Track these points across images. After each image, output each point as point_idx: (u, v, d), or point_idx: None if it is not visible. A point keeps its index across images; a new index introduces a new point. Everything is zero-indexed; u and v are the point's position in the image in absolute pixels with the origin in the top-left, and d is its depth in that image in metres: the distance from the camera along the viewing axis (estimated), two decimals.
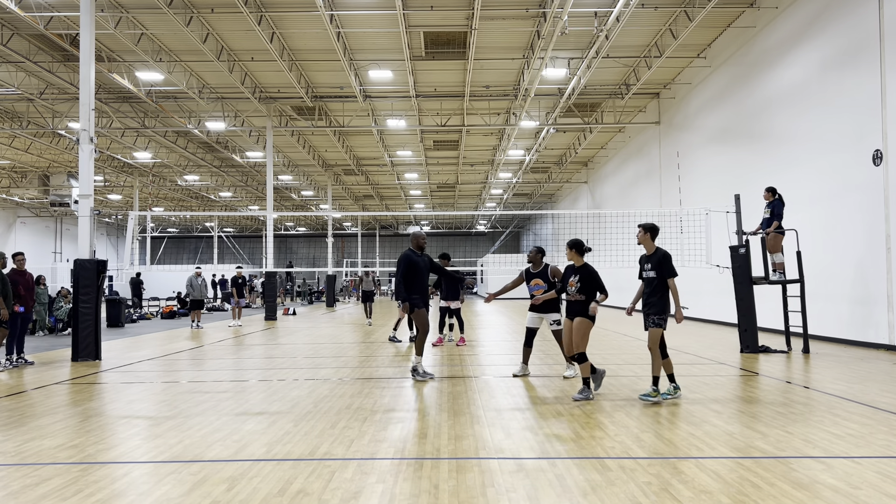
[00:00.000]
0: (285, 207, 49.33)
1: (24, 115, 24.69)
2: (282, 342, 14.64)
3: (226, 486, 4.39)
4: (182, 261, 63.47)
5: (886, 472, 4.55)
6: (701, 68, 19.73)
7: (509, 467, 4.76)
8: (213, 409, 6.97)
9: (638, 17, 16.42)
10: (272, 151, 25.67)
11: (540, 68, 18.34)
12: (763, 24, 15.97)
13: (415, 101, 22.98)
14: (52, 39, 17.07)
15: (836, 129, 13.08)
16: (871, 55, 12.04)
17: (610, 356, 11.33)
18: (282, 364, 10.79)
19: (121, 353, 12.82)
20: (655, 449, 5.20)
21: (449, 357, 11.40)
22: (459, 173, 37.40)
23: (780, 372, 9.32)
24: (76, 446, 5.47)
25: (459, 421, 6.28)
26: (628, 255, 19.03)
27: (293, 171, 35.71)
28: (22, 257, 11.28)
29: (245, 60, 19.64)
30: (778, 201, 11.71)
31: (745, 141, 17.11)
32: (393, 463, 4.91)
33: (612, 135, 29.27)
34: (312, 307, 35.51)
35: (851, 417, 6.27)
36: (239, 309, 20.41)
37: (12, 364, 10.77)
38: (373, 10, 16.02)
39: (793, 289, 12.59)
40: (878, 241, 11.92)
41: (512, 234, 63.15)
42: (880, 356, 10.90)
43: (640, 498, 4.08)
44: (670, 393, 7.29)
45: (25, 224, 48.75)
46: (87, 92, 12.07)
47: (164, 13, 15.57)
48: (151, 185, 39.62)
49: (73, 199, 28.77)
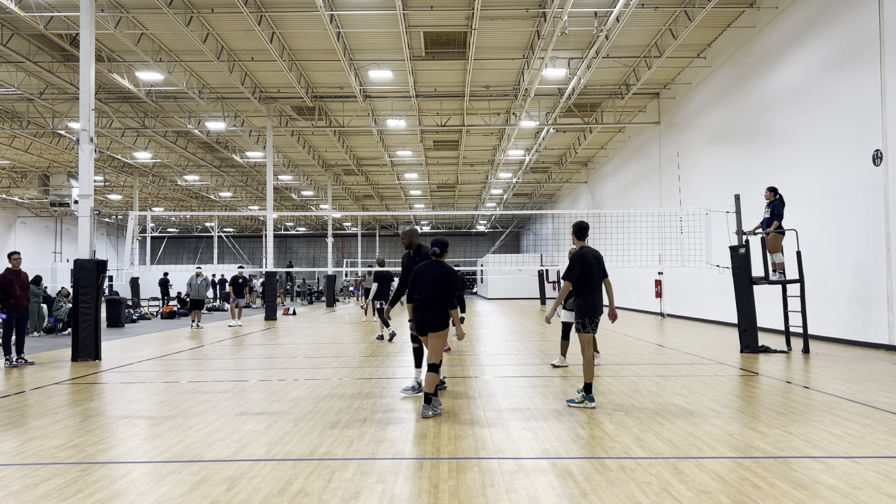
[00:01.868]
0: (285, 207, 49.32)
1: (24, 115, 24.68)
2: (282, 342, 14.64)
3: (226, 486, 4.39)
4: (182, 261, 63.46)
5: (886, 472, 4.55)
6: (701, 68, 19.73)
7: (509, 467, 4.76)
8: (213, 409, 6.97)
9: (638, 17, 16.42)
10: (272, 151, 25.67)
11: (540, 68, 18.34)
12: (763, 24, 15.97)
13: (415, 101, 22.97)
14: (52, 39, 17.07)
15: (836, 129, 13.09)
16: (870, 55, 12.04)
17: (610, 356, 11.33)
18: (282, 364, 10.79)
19: (121, 353, 12.82)
20: (655, 449, 5.20)
21: (449, 357, 11.39)
22: (459, 173, 37.39)
23: (780, 372, 9.32)
24: (76, 446, 5.47)
25: (459, 421, 6.27)
26: (628, 254, 19.06)
27: (293, 171, 35.71)
28: (17, 256, 11.25)
29: (245, 60, 19.64)
30: (778, 201, 11.71)
31: (745, 141, 17.11)
32: (393, 463, 4.91)
33: (612, 135, 29.26)
34: (312, 307, 35.51)
35: (851, 417, 6.27)
36: (239, 309, 20.41)
37: (12, 364, 10.76)
38: (373, 10, 16.02)
39: (793, 289, 12.60)
40: (878, 241, 11.92)
41: (512, 234, 63.15)
42: (880, 356, 10.90)
43: (640, 498, 4.08)
44: (576, 400, 6.92)
45: (25, 224, 48.75)
46: (87, 92, 12.07)
47: (164, 13, 15.57)
48: (151, 185, 39.61)
49: (73, 199, 28.78)
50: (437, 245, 6.96)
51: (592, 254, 7.15)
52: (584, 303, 6.98)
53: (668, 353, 11.25)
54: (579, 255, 7.03)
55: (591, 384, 6.93)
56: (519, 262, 47.74)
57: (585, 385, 6.93)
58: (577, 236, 7.27)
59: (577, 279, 6.97)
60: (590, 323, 6.99)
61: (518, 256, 50.92)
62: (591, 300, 6.98)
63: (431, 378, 6.54)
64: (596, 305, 7.03)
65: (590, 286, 6.99)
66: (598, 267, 7.10)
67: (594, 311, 7.00)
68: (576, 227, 7.29)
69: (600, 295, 7.15)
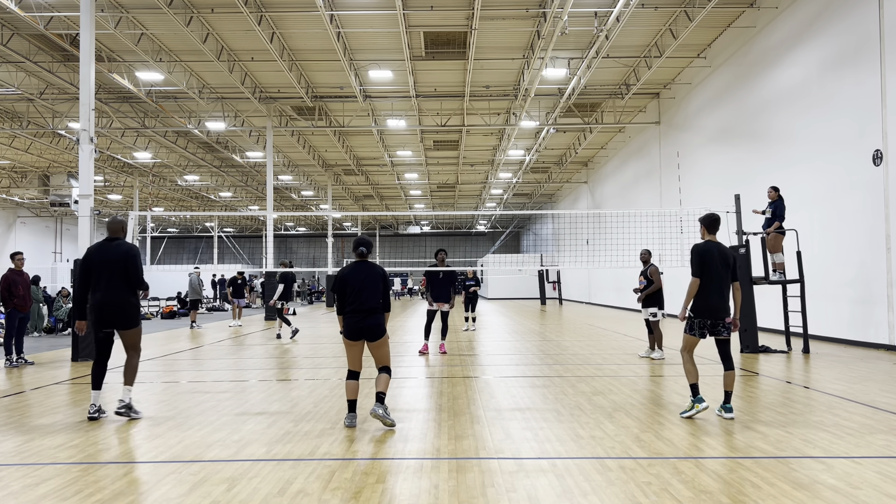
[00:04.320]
0: (285, 207, 49.32)
1: (24, 115, 24.68)
2: (282, 342, 14.63)
3: (226, 486, 4.39)
4: (182, 261, 63.45)
5: (886, 472, 4.54)
6: (701, 68, 19.73)
7: (509, 467, 4.76)
8: (213, 409, 6.97)
9: (638, 17, 16.42)
10: (272, 151, 25.68)
11: (540, 68, 18.34)
12: (763, 24, 15.97)
13: (415, 101, 22.97)
14: (52, 39, 17.07)
15: (836, 128, 13.08)
16: (871, 55, 12.04)
17: (610, 356, 11.33)
18: (282, 364, 10.80)
19: (121, 353, 12.79)
20: (655, 449, 5.20)
21: (449, 357, 11.39)
22: (459, 173, 37.39)
23: (780, 372, 9.32)
24: (76, 446, 5.46)
25: (459, 421, 6.27)
26: (628, 254, 19.05)
27: (293, 171, 35.71)
28: (21, 257, 11.29)
29: (245, 60, 19.64)
30: (780, 201, 11.72)
31: (744, 141, 17.11)
32: (393, 463, 4.91)
33: (612, 135, 29.26)
34: (312, 307, 35.50)
35: (851, 417, 6.27)
36: (239, 309, 20.41)
37: (12, 364, 10.77)
38: (373, 10, 16.02)
39: (793, 289, 12.60)
40: (878, 241, 11.92)
41: (512, 234, 63.15)
42: (880, 356, 10.90)
43: (640, 498, 4.08)
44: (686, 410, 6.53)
45: (25, 224, 48.75)
46: (87, 92, 12.07)
47: (164, 13, 15.57)
48: (151, 185, 39.61)
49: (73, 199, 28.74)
50: (363, 244, 6.29)
51: (718, 249, 6.40)
52: (698, 301, 6.34)
53: (668, 353, 11.25)
54: (700, 249, 6.36)
55: (696, 385, 6.36)
56: (519, 262, 47.75)
57: (691, 387, 6.39)
58: (708, 229, 6.57)
59: (695, 274, 6.35)
60: (698, 325, 6.34)
61: (518, 256, 50.92)
62: (707, 300, 6.30)
63: (387, 379, 6.17)
64: (711, 306, 6.30)
65: (708, 285, 6.31)
66: (723, 264, 6.34)
67: (708, 311, 6.31)
68: (706, 219, 6.59)
69: (721, 297, 6.35)
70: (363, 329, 6.10)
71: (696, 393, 6.32)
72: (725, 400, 6.35)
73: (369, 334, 6.12)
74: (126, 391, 6.58)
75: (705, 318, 6.32)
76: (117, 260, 6.45)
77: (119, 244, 6.57)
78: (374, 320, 6.13)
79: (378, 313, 6.19)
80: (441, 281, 11.90)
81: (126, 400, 6.55)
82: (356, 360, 6.20)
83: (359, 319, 6.10)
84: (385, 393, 6.07)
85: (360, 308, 6.11)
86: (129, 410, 6.52)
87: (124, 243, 6.61)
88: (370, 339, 6.14)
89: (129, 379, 6.67)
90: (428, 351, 11.92)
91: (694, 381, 6.35)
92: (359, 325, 6.09)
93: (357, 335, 6.12)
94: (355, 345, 6.17)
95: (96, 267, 6.46)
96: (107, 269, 6.44)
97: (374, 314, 6.15)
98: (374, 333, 6.13)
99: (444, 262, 12.00)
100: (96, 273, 6.45)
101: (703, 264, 6.33)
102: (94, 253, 6.54)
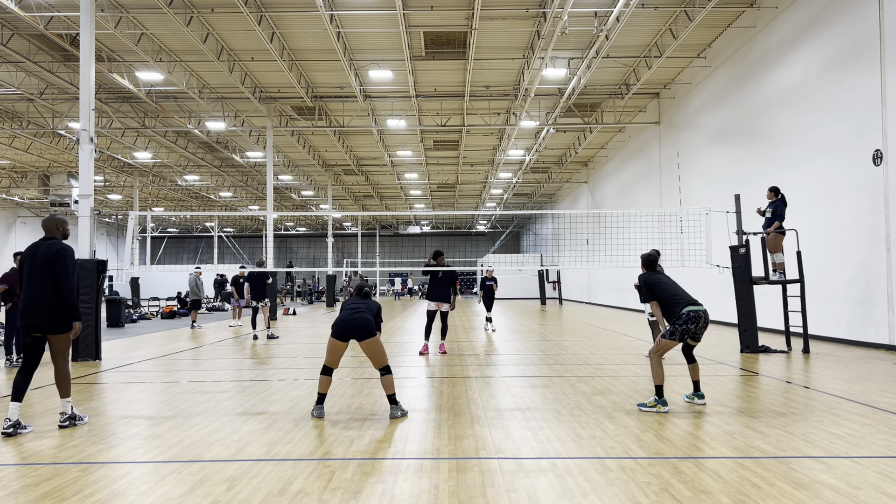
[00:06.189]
0: (285, 207, 49.32)
1: (24, 115, 24.69)
2: (282, 342, 14.63)
3: (226, 486, 4.39)
4: (182, 261, 63.49)
5: (886, 472, 4.54)
6: (701, 68, 19.73)
7: (509, 467, 4.76)
8: (213, 409, 6.97)
9: (638, 17, 16.43)
10: (272, 151, 25.68)
11: (540, 68, 18.34)
12: (763, 24, 15.97)
13: (415, 101, 22.97)
14: (52, 39, 17.08)
15: (836, 129, 13.08)
16: (871, 55, 12.04)
17: (610, 356, 11.33)
18: (282, 364, 10.79)
19: (121, 353, 12.81)
20: (655, 449, 5.20)
21: (449, 357, 11.39)
22: (459, 173, 37.39)
23: (780, 372, 9.32)
24: (76, 446, 5.46)
25: (459, 421, 6.27)
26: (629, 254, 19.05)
27: (293, 171, 35.71)
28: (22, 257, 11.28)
29: (245, 60, 19.64)
30: (780, 201, 11.72)
31: (745, 141, 17.11)
32: (393, 463, 4.91)
33: (612, 135, 29.26)
34: (312, 307, 35.51)
35: (851, 417, 6.27)
36: (239, 309, 20.41)
37: (12, 364, 10.77)
38: (373, 10, 16.02)
39: (793, 289, 12.60)
40: (878, 241, 11.92)
41: (512, 234, 63.15)
42: (880, 356, 10.90)
43: (640, 498, 4.08)
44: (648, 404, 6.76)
45: (25, 224, 48.75)
46: (87, 92, 12.07)
47: (164, 13, 15.58)
48: (151, 185, 39.61)
49: (73, 199, 28.75)
50: (365, 287, 7.06)
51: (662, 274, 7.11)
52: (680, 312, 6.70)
53: (668, 353, 11.24)
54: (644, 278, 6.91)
55: (661, 387, 6.60)
56: (519, 262, 47.78)
57: (657, 388, 6.63)
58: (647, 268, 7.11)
59: (650, 299, 6.82)
60: (680, 332, 6.56)
61: (518, 256, 50.96)
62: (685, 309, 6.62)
63: (390, 379, 6.45)
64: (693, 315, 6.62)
65: (672, 296, 6.70)
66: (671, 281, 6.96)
67: (694, 320, 6.56)
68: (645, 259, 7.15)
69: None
70: (350, 328, 6.37)
71: (661, 395, 6.64)
72: (695, 388, 6.96)
73: (358, 332, 6.36)
74: (65, 403, 6.13)
75: (690, 325, 6.56)
76: (46, 260, 6.06)
77: (52, 244, 6.16)
78: (362, 318, 6.42)
79: (366, 314, 6.51)
80: (440, 280, 11.87)
81: (68, 412, 6.14)
82: (335, 360, 6.53)
83: (347, 315, 6.45)
84: (394, 393, 6.46)
85: (352, 315, 6.50)
86: (73, 421, 6.16)
87: (57, 242, 6.20)
88: (359, 337, 6.36)
89: (64, 391, 6.14)
90: (428, 351, 11.90)
91: (660, 383, 6.65)
92: (346, 324, 6.38)
93: (345, 335, 6.39)
94: (341, 346, 6.46)
95: (27, 267, 6.10)
96: (36, 269, 6.06)
97: (362, 313, 6.49)
98: (363, 331, 6.36)
99: (443, 263, 12.02)
100: (27, 274, 6.08)
101: (653, 286, 6.80)
102: (25, 252, 6.23)
